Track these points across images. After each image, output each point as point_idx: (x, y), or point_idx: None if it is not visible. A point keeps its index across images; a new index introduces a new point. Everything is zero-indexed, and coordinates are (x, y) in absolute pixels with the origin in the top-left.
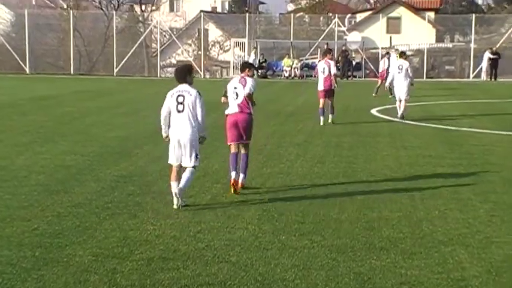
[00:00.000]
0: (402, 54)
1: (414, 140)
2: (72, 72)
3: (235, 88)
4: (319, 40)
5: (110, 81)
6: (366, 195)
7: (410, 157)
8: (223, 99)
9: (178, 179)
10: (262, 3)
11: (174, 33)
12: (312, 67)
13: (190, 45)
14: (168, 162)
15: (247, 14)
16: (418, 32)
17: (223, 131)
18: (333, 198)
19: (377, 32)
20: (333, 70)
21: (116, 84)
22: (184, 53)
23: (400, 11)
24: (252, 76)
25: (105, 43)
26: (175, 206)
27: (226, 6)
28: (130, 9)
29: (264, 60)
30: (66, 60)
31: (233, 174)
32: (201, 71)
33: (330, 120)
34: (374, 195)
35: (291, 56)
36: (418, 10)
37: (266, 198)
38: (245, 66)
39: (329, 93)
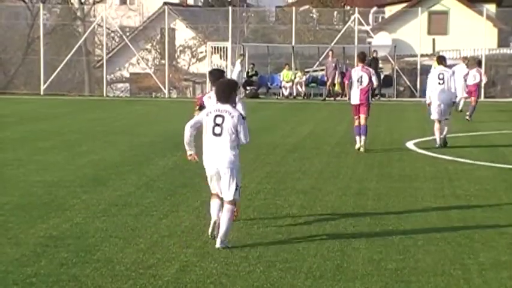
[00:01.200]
0: (441, 60)
1: (469, 186)
2: None
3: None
4: (333, 44)
5: (34, 103)
6: (399, 263)
7: (464, 211)
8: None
9: (221, 204)
10: None
11: (127, 34)
12: (322, 82)
13: (149, 51)
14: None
15: (230, 8)
16: (472, 32)
17: (192, 175)
18: (352, 270)
19: (414, 33)
20: (375, 80)
21: (43, 106)
22: (141, 63)
23: (448, 3)
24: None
25: (27, 49)
26: (217, 245)
27: None
28: (63, 0)
29: (254, 72)
30: None
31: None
32: (164, 88)
33: (361, 144)
34: (411, 264)
35: (293, 66)
36: (472, 1)
37: (258, 269)
38: (217, 74)
39: (365, 108)
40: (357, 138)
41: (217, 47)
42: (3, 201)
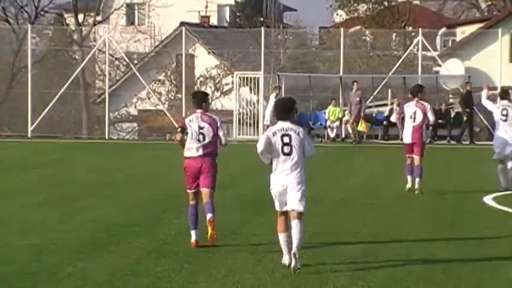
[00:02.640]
0: (504, 94)
1: None
2: None
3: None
4: (391, 73)
5: (19, 148)
6: None
7: None
8: None
9: (287, 228)
10: (291, 9)
11: (135, 62)
12: (378, 120)
13: (162, 83)
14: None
15: (263, 29)
16: None
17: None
18: None
19: (493, 60)
20: (431, 116)
21: (31, 152)
22: (152, 97)
23: None
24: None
25: (12, 80)
26: (292, 268)
27: (227, 16)
28: (56, 21)
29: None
30: None
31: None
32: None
33: (416, 186)
34: None
35: (341, 101)
36: None
37: None
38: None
39: (418, 148)
40: (409, 177)
41: (247, 78)
42: None
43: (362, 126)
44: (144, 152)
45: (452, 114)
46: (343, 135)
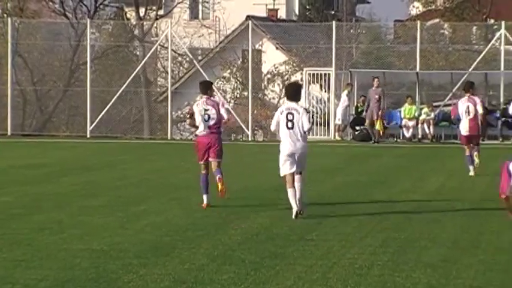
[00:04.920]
0: None
1: None
2: (9, 131)
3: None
4: (471, 69)
5: (78, 148)
6: None
7: None
8: None
9: (294, 185)
10: (364, 2)
11: (199, 58)
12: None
13: (228, 80)
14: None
15: (334, 23)
16: None
17: (285, 242)
18: None
19: None
20: (480, 109)
21: (90, 153)
22: (217, 95)
23: None
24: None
25: (70, 78)
26: (293, 216)
27: (296, 9)
28: (117, 15)
29: (365, 107)
30: None
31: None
32: (247, 128)
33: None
34: None
35: (417, 99)
36: None
37: None
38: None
39: (476, 139)
40: (470, 167)
41: (317, 74)
42: (38, 277)
43: (379, 126)
44: None
45: None
46: (420, 135)
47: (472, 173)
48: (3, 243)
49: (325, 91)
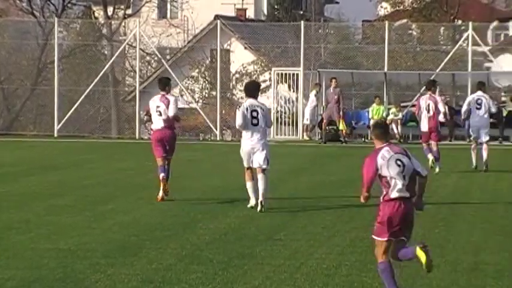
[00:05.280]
0: None
1: None
2: None
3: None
4: (438, 69)
5: (46, 147)
6: None
7: None
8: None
9: (253, 178)
10: (332, 2)
11: (168, 58)
12: None
13: (196, 79)
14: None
15: (302, 23)
16: None
17: (252, 242)
18: None
19: None
20: (441, 107)
21: (58, 152)
22: (185, 95)
23: None
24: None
25: (38, 77)
26: (258, 211)
27: (265, 9)
28: (85, 14)
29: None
30: None
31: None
32: (215, 127)
33: (436, 170)
34: None
35: (385, 99)
36: None
37: None
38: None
39: (434, 137)
40: (429, 156)
41: (286, 74)
42: (4, 276)
43: (342, 126)
44: (177, 153)
45: (505, 113)
46: None
47: (437, 170)
48: None
49: (294, 91)
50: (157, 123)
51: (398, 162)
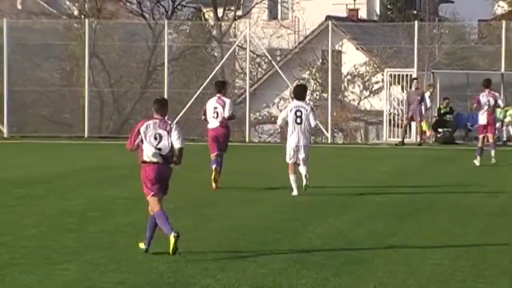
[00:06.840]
0: None
1: None
2: (86, 134)
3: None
4: None
5: None
6: None
7: None
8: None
9: (296, 172)
10: (447, 1)
11: (278, 59)
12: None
13: (306, 81)
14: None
15: (416, 23)
16: None
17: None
18: None
19: None
20: (501, 102)
21: None
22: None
23: None
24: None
25: (148, 79)
26: (304, 186)
27: (377, 9)
28: (194, 15)
29: (448, 109)
30: (74, 112)
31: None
32: (326, 130)
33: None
34: None
35: (502, 100)
36: None
37: None
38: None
39: (491, 127)
40: (478, 157)
41: (399, 75)
42: (115, 280)
43: (426, 127)
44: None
45: None
46: (505, 138)
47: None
48: (80, 246)
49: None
50: (213, 122)
51: None
